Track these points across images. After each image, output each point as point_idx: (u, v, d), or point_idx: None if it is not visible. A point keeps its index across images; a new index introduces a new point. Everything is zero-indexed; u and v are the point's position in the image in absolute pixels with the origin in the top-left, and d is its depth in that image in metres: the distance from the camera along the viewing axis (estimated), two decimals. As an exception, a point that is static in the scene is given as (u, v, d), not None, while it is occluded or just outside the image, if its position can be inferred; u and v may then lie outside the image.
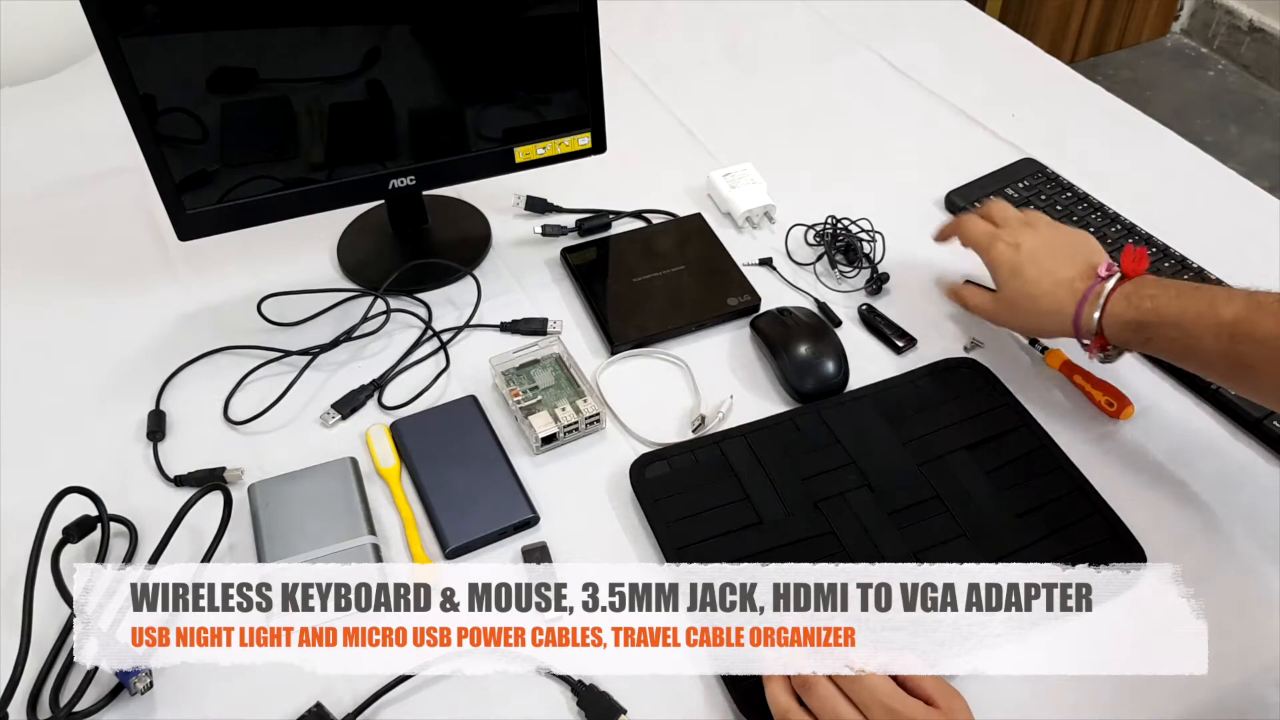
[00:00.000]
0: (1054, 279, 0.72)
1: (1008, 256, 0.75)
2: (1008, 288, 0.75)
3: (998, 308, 0.77)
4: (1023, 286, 0.74)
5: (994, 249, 0.76)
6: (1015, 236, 0.76)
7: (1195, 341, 0.65)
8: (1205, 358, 0.65)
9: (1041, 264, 0.73)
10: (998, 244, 0.76)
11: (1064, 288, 0.72)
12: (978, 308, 0.79)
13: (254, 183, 0.81)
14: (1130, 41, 2.53)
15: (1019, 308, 0.75)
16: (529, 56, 0.84)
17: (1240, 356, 0.63)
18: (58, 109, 1.11)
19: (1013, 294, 0.75)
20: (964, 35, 1.24)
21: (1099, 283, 0.70)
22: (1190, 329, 0.65)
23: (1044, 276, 0.73)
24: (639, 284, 0.88)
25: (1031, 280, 0.73)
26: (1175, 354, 0.68)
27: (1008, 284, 0.75)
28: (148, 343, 0.85)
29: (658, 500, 0.70)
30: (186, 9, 0.72)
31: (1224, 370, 0.65)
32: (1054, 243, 0.75)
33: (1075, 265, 0.72)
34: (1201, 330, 0.64)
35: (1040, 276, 0.73)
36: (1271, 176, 2.13)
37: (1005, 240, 0.76)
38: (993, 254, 0.76)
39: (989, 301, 0.78)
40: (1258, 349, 0.62)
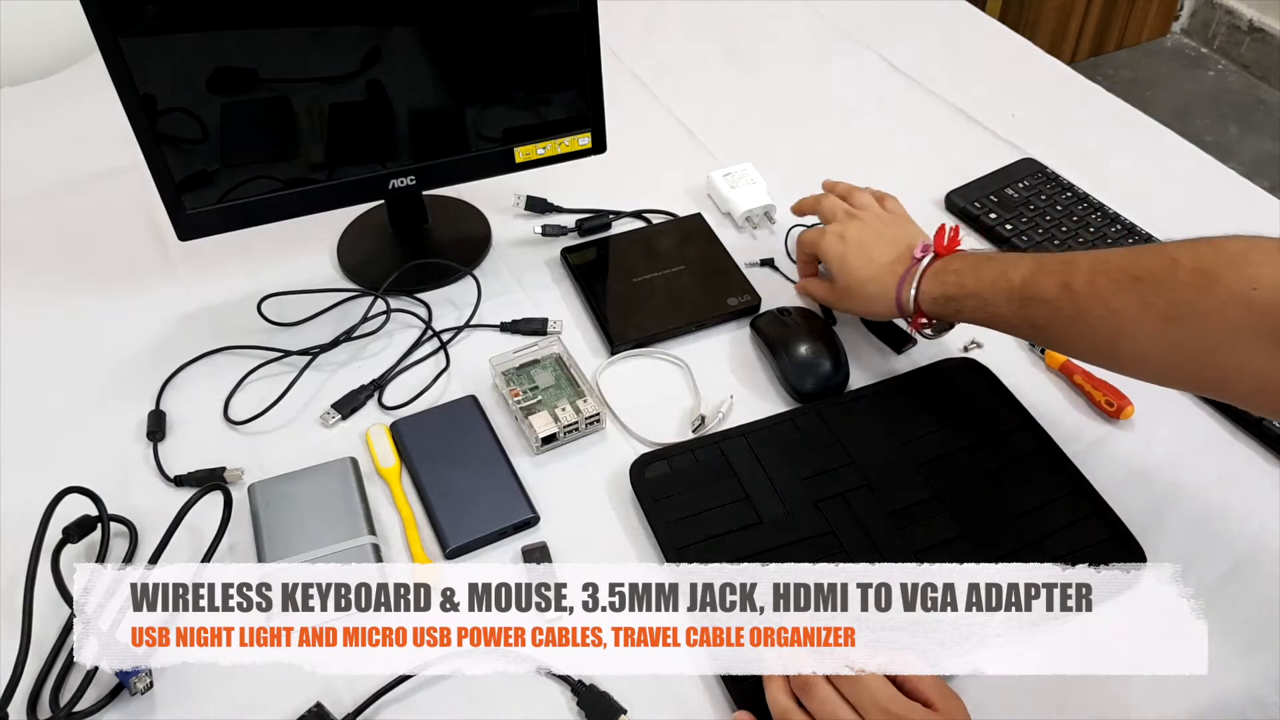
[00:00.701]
0: (877, 264, 0.77)
1: (836, 248, 0.79)
2: (839, 277, 0.79)
3: (835, 295, 0.81)
4: (851, 275, 0.78)
5: (823, 242, 0.81)
6: (842, 228, 0.80)
7: (994, 309, 0.69)
8: (1006, 322, 0.69)
9: (865, 251, 0.78)
10: (826, 237, 0.81)
11: (885, 271, 0.76)
12: (822, 298, 0.83)
13: (254, 183, 0.81)
14: (1130, 41, 2.53)
15: (851, 294, 0.79)
16: (529, 56, 0.84)
17: (1032, 317, 0.67)
18: (58, 109, 1.11)
19: (844, 282, 0.79)
20: (964, 35, 1.24)
21: (914, 264, 0.75)
22: (988, 297, 0.69)
23: (868, 263, 0.77)
24: (639, 284, 0.88)
25: (857, 268, 0.78)
26: (981, 322, 0.71)
27: (839, 274, 0.79)
28: (148, 343, 0.85)
29: (658, 500, 0.70)
30: (186, 9, 0.72)
31: (1025, 331, 0.70)
32: (878, 230, 0.79)
33: (895, 249, 0.77)
34: (997, 297, 0.68)
35: (864, 263, 0.77)
36: (1271, 176, 2.13)
37: (832, 232, 0.80)
38: (822, 247, 0.81)
39: (829, 291, 0.82)
40: (1043, 309, 0.65)
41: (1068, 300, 0.64)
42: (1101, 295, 0.62)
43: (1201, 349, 0.58)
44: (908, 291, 0.74)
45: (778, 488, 0.71)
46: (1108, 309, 0.62)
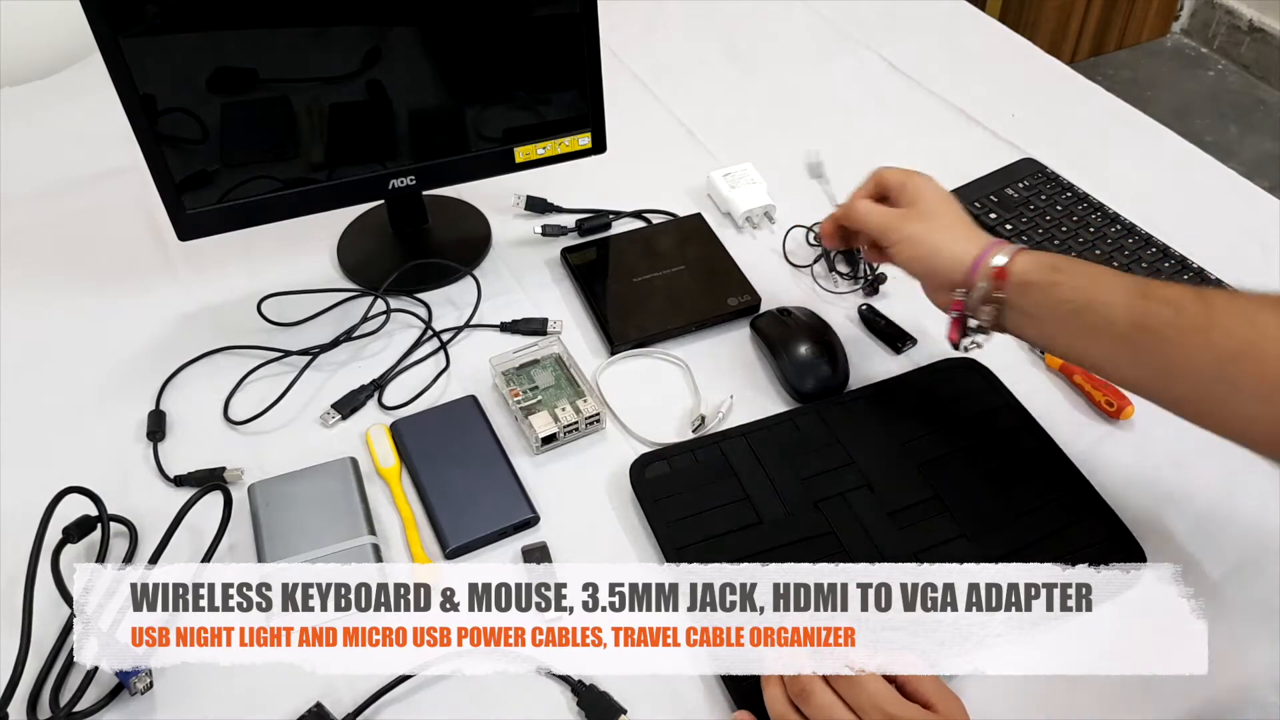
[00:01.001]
0: (965, 219, 0.70)
1: (926, 182, 0.72)
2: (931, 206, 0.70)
3: (897, 221, 0.70)
4: (949, 210, 0.70)
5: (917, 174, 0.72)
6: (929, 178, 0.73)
7: (1104, 293, 0.60)
8: (1109, 313, 0.59)
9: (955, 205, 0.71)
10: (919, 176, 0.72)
11: (972, 229, 0.69)
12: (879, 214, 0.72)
13: (254, 183, 0.81)
14: (1130, 41, 2.53)
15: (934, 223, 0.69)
16: (529, 56, 0.84)
17: (1146, 316, 0.58)
18: (58, 109, 1.11)
19: (932, 210, 0.69)
20: (964, 35, 1.24)
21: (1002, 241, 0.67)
22: (1099, 278, 0.61)
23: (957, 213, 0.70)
24: (639, 284, 0.88)
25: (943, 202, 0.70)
26: (1076, 307, 0.61)
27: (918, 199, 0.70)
28: (148, 343, 0.85)
29: (658, 500, 0.70)
30: (186, 9, 0.72)
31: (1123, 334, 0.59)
32: None
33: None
34: (1112, 282, 0.60)
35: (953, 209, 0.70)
36: (1271, 176, 2.12)
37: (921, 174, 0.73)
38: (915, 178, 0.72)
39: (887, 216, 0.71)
40: (1165, 309, 0.57)
41: (1199, 307, 0.56)
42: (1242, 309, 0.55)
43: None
44: (995, 254, 0.65)
45: (778, 488, 0.71)
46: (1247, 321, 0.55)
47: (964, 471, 0.72)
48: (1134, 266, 0.88)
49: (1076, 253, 0.90)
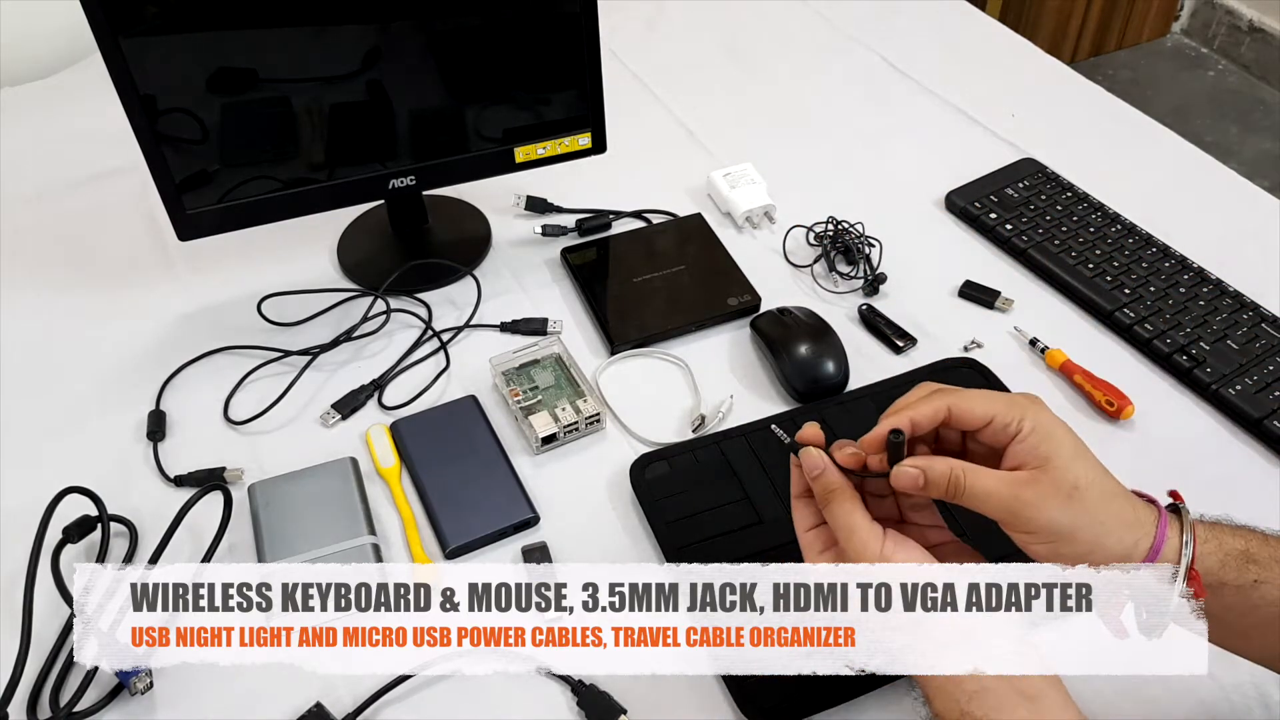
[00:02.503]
0: (1113, 481, 0.52)
1: (1063, 426, 0.52)
2: (1068, 469, 0.51)
3: (1039, 493, 0.51)
4: (1091, 473, 0.51)
5: (1038, 409, 0.52)
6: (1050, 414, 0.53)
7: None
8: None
9: (1092, 456, 0.52)
10: (1042, 407, 0.52)
11: (1127, 497, 0.53)
12: (995, 493, 0.52)
13: (254, 183, 0.81)
14: (1130, 41, 2.53)
15: (1083, 500, 0.51)
16: (529, 56, 0.84)
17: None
18: (58, 109, 1.11)
19: (1074, 478, 0.50)
20: (964, 35, 1.24)
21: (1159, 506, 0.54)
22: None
23: (1105, 474, 0.52)
24: (639, 284, 0.88)
25: (1097, 467, 0.52)
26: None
27: (1068, 465, 0.51)
28: (148, 343, 0.85)
29: (658, 500, 0.70)
30: (186, 9, 0.72)
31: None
32: None
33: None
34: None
35: (1102, 472, 0.52)
36: (1271, 176, 2.13)
37: (1048, 409, 0.53)
38: (1044, 416, 0.52)
39: (1018, 483, 0.51)
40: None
41: None
42: None
43: None
44: (1176, 534, 0.51)
45: (778, 488, 0.71)
46: None
47: (964, 471, 0.72)
48: (1134, 266, 0.88)
49: (1076, 253, 0.90)
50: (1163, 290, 0.86)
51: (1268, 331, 0.82)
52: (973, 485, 0.52)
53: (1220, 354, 0.80)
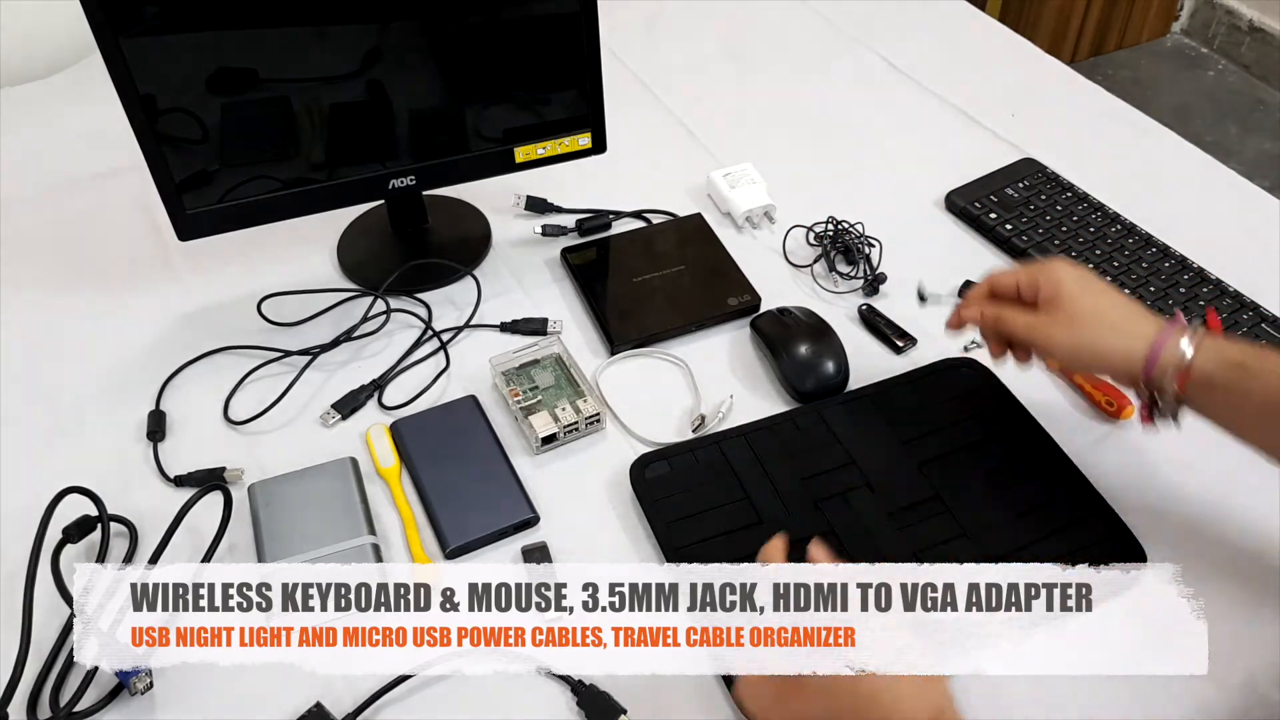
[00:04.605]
0: (1129, 306, 0.66)
1: (1074, 273, 0.67)
2: (1076, 301, 0.65)
3: (1052, 321, 0.66)
4: (1093, 301, 0.65)
5: (1053, 265, 0.67)
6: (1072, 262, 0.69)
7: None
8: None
9: (1111, 292, 0.67)
10: (1056, 262, 0.68)
11: (1141, 315, 0.65)
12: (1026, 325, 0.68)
13: (254, 183, 0.81)
14: (1130, 41, 2.53)
15: (1086, 323, 0.65)
16: (529, 56, 0.84)
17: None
18: (58, 109, 1.11)
19: (1080, 308, 0.65)
20: (964, 35, 1.24)
21: (1179, 323, 0.64)
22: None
23: (1118, 299, 0.66)
24: (639, 284, 0.88)
25: (1102, 296, 0.66)
26: (1270, 409, 0.60)
27: (1076, 298, 0.65)
28: (148, 343, 0.85)
29: (657, 500, 0.70)
30: (186, 9, 0.72)
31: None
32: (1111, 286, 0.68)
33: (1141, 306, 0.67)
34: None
35: (1115, 298, 0.66)
36: (1271, 176, 2.13)
37: (1064, 261, 0.68)
38: (1052, 268, 0.67)
39: (1038, 316, 0.67)
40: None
41: None
42: None
43: None
44: (1176, 344, 0.62)
45: (778, 487, 0.71)
46: None
47: (964, 471, 0.72)
48: (1134, 266, 0.88)
49: (1076, 253, 0.90)
50: (1163, 290, 0.86)
51: (1268, 331, 0.82)
52: (1009, 319, 0.69)
53: (1220, 354, 0.80)
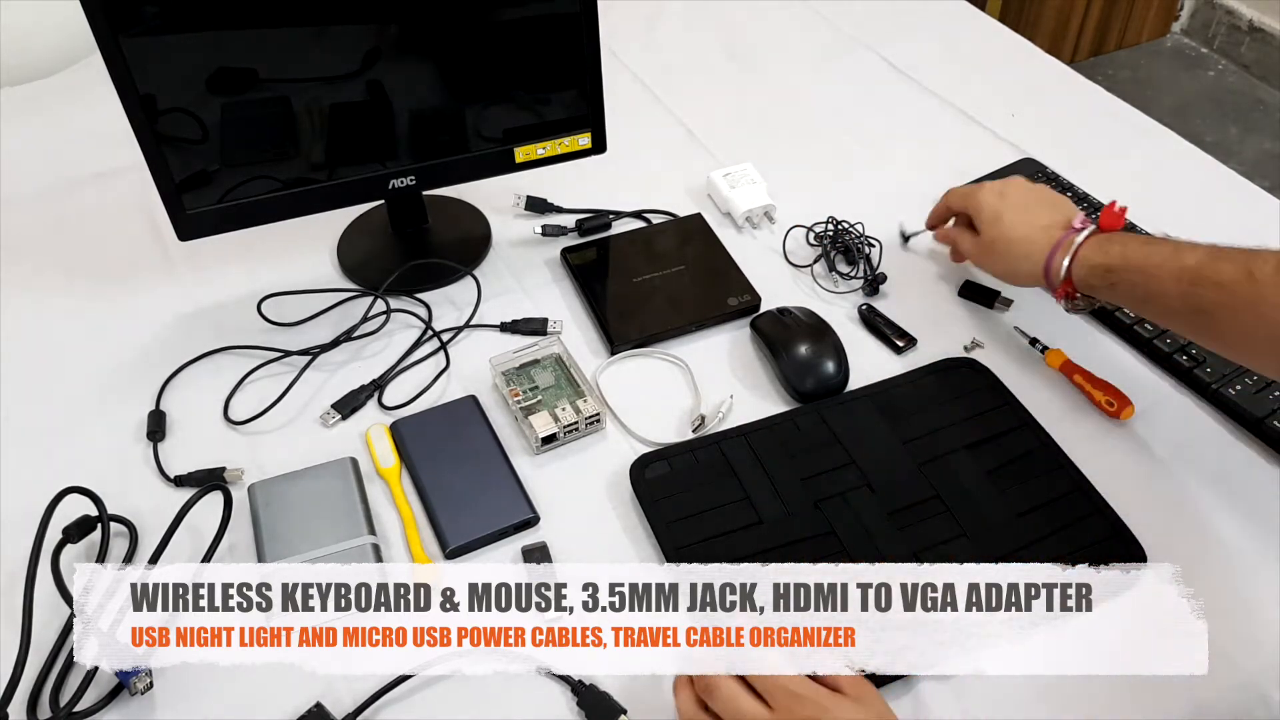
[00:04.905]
0: (1031, 225, 0.76)
1: (991, 202, 0.79)
2: (988, 231, 0.79)
3: (978, 250, 0.81)
4: (1002, 231, 0.78)
5: (979, 195, 0.80)
6: (1000, 186, 0.81)
7: (1157, 285, 0.67)
8: (1166, 303, 0.67)
9: (1021, 211, 0.78)
10: (982, 191, 0.81)
11: (1040, 233, 0.76)
12: (964, 247, 0.83)
13: (254, 183, 0.81)
14: (1130, 41, 2.53)
15: (996, 251, 0.78)
16: (529, 56, 0.84)
17: (1199, 300, 0.65)
18: (58, 109, 1.11)
19: (992, 237, 0.78)
20: (964, 35, 1.24)
21: (1072, 232, 0.74)
22: (1154, 273, 0.67)
23: (1022, 223, 0.77)
24: (639, 284, 0.88)
25: (1010, 225, 0.77)
26: (1138, 299, 0.70)
27: (989, 227, 0.79)
28: (148, 343, 0.85)
29: (657, 500, 0.70)
30: (186, 9, 0.72)
31: (1184, 316, 0.67)
32: (1036, 194, 0.80)
33: (1052, 215, 0.77)
34: (1164, 275, 0.67)
35: (1018, 222, 0.77)
36: (1271, 176, 2.13)
37: (990, 188, 0.80)
38: (977, 199, 0.80)
39: (971, 244, 0.82)
40: (1216, 292, 0.64)
41: (1247, 286, 0.62)
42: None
43: None
44: (1061, 258, 0.73)
45: (778, 488, 0.71)
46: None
47: (964, 471, 0.72)
48: (1134, 266, 0.88)
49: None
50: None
51: (1268, 331, 0.82)
52: (957, 239, 0.84)
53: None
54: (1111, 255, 0.71)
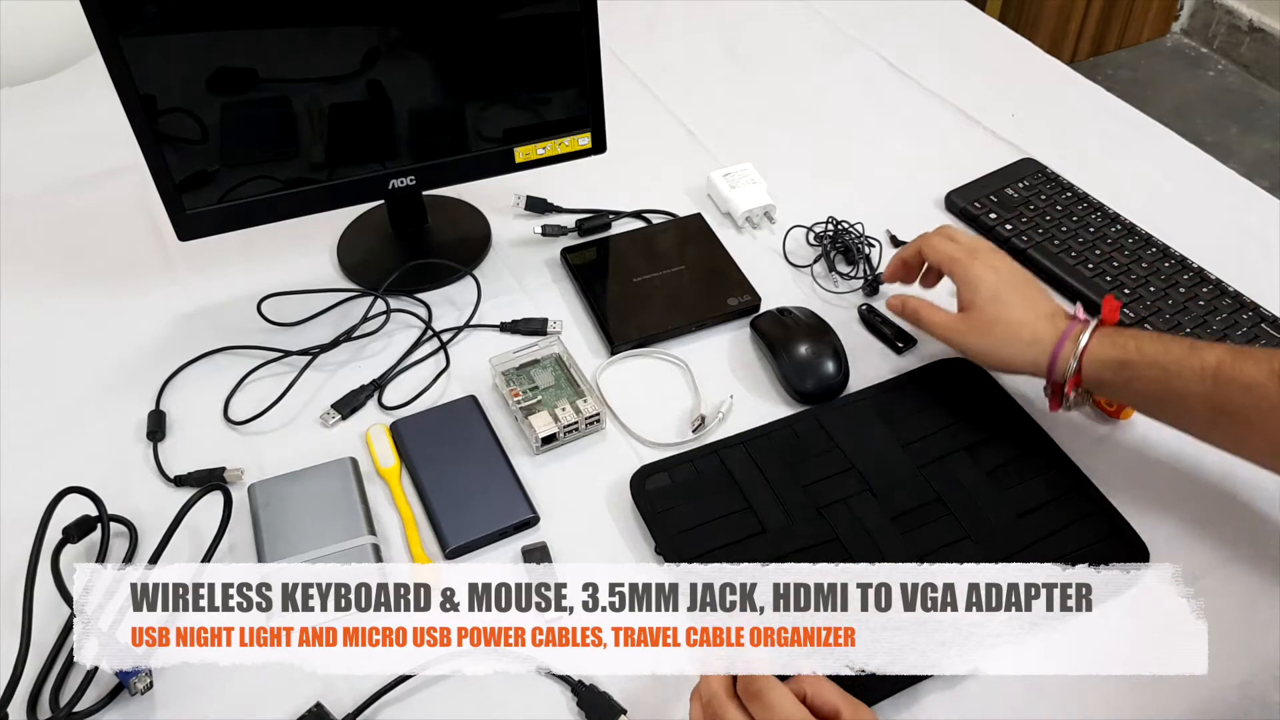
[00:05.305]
0: (1034, 311, 0.71)
1: (988, 277, 0.73)
2: (987, 310, 0.72)
3: (968, 329, 0.73)
4: (1002, 312, 0.71)
5: (973, 267, 0.73)
6: (992, 259, 0.74)
7: (1177, 383, 0.64)
8: (1186, 403, 0.64)
9: (1019, 294, 0.72)
10: (975, 262, 0.74)
11: (1045, 321, 0.70)
12: (941, 326, 0.75)
13: (254, 183, 0.81)
14: (1130, 41, 2.53)
15: (994, 333, 0.72)
16: (529, 56, 0.84)
17: (1224, 402, 0.62)
18: (58, 109, 1.11)
19: (991, 316, 0.72)
20: (964, 35, 1.24)
21: (1077, 323, 0.70)
22: (1173, 369, 0.64)
23: (1023, 306, 0.71)
24: (639, 284, 0.88)
25: (1010, 305, 0.71)
26: (1153, 397, 0.67)
27: (987, 306, 0.72)
28: (148, 343, 0.85)
29: (660, 513, 0.70)
30: (186, 9, 0.72)
31: (1204, 416, 0.64)
32: (1025, 276, 0.74)
33: (1049, 302, 0.72)
34: (1184, 371, 0.63)
35: (1021, 304, 0.71)
36: (1271, 176, 2.13)
37: (984, 260, 0.74)
38: (973, 272, 0.73)
39: (956, 321, 0.74)
40: (1244, 395, 0.61)
41: (1273, 385, 0.60)
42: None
43: None
44: (1071, 348, 0.68)
45: (780, 496, 0.71)
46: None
47: (965, 472, 0.72)
48: (1134, 266, 0.88)
49: (1076, 253, 0.90)
50: (1162, 290, 0.86)
51: (1268, 331, 0.82)
52: (927, 317, 0.76)
53: (1220, 354, 0.80)
54: (1127, 350, 0.66)
